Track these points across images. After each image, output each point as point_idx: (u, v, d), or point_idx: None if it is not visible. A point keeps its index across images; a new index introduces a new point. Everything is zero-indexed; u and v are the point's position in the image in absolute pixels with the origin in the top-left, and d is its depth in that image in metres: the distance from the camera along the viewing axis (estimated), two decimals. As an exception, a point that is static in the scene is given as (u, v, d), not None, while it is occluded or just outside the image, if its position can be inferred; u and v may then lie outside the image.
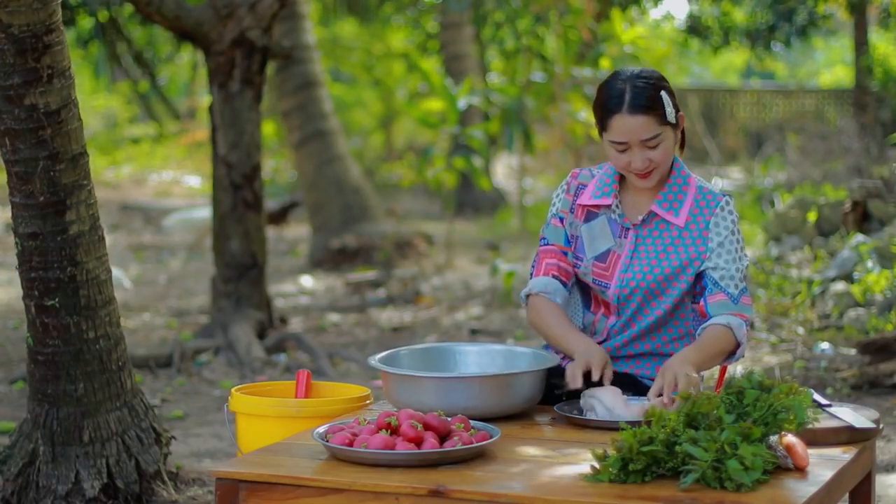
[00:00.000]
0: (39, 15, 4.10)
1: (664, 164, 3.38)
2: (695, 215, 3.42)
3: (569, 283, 3.53)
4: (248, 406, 3.50)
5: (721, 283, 3.36)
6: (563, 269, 3.51)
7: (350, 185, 12.08)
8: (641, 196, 3.47)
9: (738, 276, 3.37)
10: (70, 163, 4.26)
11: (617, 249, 3.46)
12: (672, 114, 3.35)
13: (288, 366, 7.25)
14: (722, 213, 3.41)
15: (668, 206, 3.43)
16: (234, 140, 7.49)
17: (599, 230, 3.48)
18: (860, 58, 17.04)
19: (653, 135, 3.33)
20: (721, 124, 21.37)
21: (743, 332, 3.33)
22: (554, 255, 3.52)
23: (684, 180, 3.45)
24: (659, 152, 3.36)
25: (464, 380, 3.15)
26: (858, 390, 6.46)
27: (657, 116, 3.33)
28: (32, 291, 4.34)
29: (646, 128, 3.33)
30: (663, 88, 3.37)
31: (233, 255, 7.59)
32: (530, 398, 3.23)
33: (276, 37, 9.34)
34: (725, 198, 3.44)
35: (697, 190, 3.45)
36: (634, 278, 3.42)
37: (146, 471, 4.45)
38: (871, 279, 7.91)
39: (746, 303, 3.38)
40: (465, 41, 16.39)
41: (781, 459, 2.73)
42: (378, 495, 2.68)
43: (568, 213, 3.52)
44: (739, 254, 3.40)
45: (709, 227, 3.40)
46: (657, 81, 3.37)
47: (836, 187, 11.20)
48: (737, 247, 3.40)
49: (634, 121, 3.32)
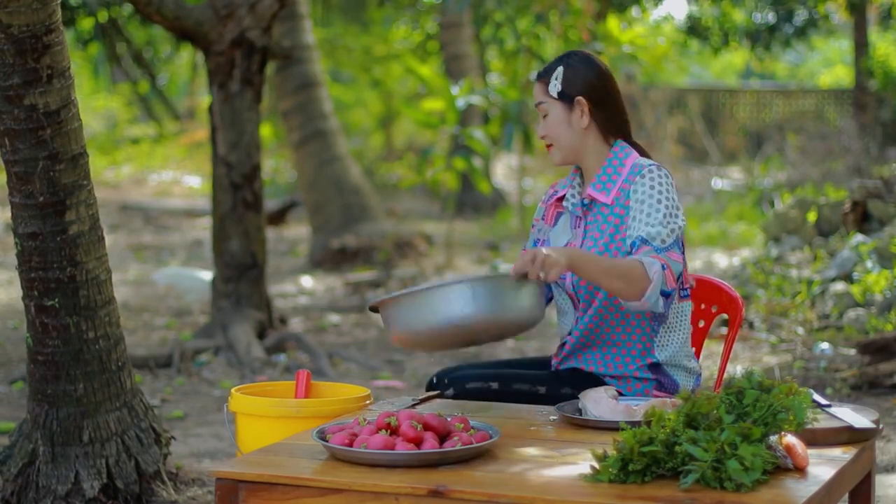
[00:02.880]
0: (39, 15, 4.10)
1: (556, 139, 3.48)
2: (624, 190, 3.43)
3: None
4: (248, 406, 3.50)
5: (648, 239, 3.32)
6: None
7: (350, 185, 12.08)
8: (588, 184, 3.52)
9: (665, 232, 3.32)
10: (70, 163, 4.26)
11: (573, 240, 3.50)
12: (555, 88, 3.46)
13: (288, 366, 7.25)
14: (642, 180, 3.39)
15: (602, 187, 3.46)
16: (234, 140, 7.50)
17: (562, 227, 3.55)
18: (860, 58, 17.05)
19: (539, 101, 3.51)
20: (721, 124, 21.37)
21: (656, 269, 3.23)
22: None
23: (620, 161, 3.48)
24: (547, 123, 3.50)
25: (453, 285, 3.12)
26: (858, 390, 6.46)
27: (544, 85, 3.49)
28: (32, 291, 4.34)
29: (538, 93, 3.52)
30: (567, 66, 3.47)
31: (233, 255, 7.59)
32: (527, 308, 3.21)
33: (276, 37, 9.34)
34: (650, 166, 3.42)
35: (631, 168, 3.45)
36: None
37: (146, 471, 4.45)
38: (870, 279, 7.91)
39: (675, 258, 3.31)
40: (465, 41, 16.39)
41: (781, 459, 2.73)
42: (378, 495, 2.68)
43: (539, 220, 3.64)
44: (665, 213, 3.34)
45: (629, 197, 3.41)
46: (568, 60, 3.50)
47: (836, 187, 11.20)
48: (660, 207, 3.35)
49: (535, 87, 3.55)
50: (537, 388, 3.45)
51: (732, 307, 3.76)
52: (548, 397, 3.42)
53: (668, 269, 3.28)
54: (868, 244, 8.45)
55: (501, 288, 3.15)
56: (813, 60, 31.29)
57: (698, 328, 3.81)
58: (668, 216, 3.35)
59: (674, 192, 3.41)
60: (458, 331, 3.12)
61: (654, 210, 3.35)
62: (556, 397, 3.41)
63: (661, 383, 3.45)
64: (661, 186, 3.38)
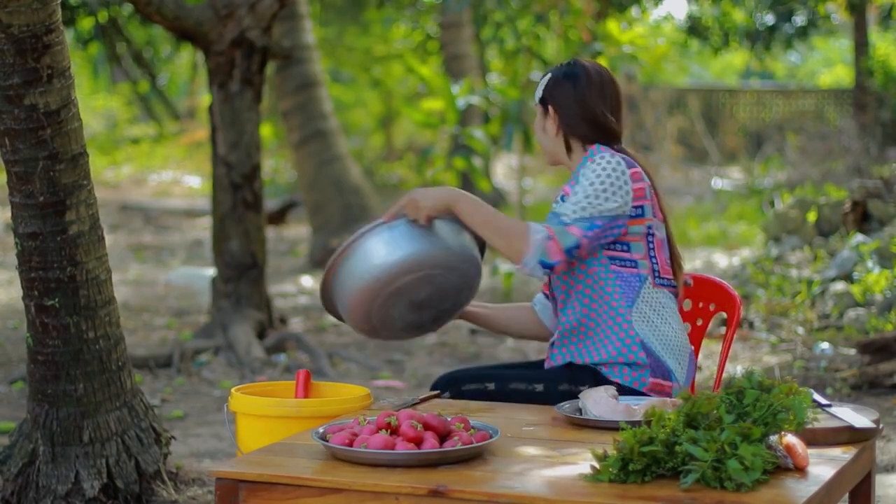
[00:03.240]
0: (39, 15, 4.10)
1: (541, 142, 3.58)
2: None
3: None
4: (248, 406, 3.50)
5: (558, 213, 3.34)
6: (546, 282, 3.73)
7: (350, 185, 12.08)
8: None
9: (576, 209, 3.33)
10: (70, 163, 4.26)
11: None
12: (538, 93, 3.59)
13: (288, 366, 7.25)
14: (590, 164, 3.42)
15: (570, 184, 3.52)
16: (233, 140, 7.50)
17: None
18: (860, 58, 17.05)
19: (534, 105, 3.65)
20: (721, 124, 21.37)
21: (539, 238, 3.27)
22: None
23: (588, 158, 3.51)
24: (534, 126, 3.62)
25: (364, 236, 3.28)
26: (858, 390, 6.46)
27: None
28: (32, 291, 4.34)
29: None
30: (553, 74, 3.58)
31: (233, 255, 7.59)
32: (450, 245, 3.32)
33: (276, 37, 9.34)
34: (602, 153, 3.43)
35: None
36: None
37: (146, 471, 4.45)
38: (870, 279, 7.91)
39: (573, 232, 3.31)
40: (465, 41, 16.38)
41: (781, 459, 2.73)
42: (378, 495, 2.68)
43: None
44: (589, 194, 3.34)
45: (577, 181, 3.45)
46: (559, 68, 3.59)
47: (836, 187, 11.20)
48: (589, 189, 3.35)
49: None
50: (534, 386, 3.46)
51: (730, 305, 3.76)
52: (545, 394, 3.43)
53: (554, 241, 3.28)
54: (868, 244, 8.45)
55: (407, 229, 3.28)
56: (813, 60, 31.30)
57: (696, 326, 3.81)
58: (591, 196, 3.35)
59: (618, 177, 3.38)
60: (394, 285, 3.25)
61: (582, 191, 3.37)
62: (554, 393, 3.41)
63: (654, 370, 3.43)
64: (602, 170, 3.38)
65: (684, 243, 12.52)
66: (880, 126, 16.47)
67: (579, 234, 3.31)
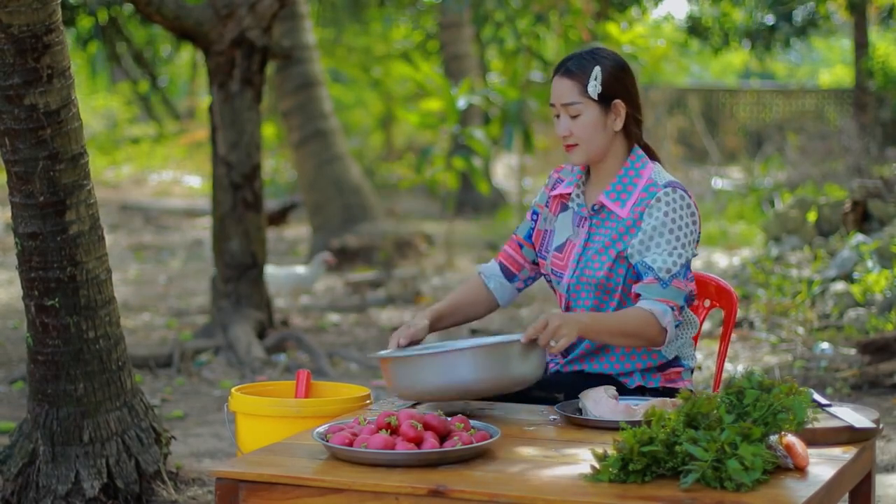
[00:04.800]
0: (39, 15, 4.10)
1: (586, 141, 3.39)
2: (636, 207, 3.39)
3: (517, 273, 3.60)
4: (248, 406, 3.50)
5: (654, 267, 3.31)
6: (513, 258, 3.60)
7: (350, 185, 12.08)
8: (598, 186, 3.47)
9: (670, 261, 3.30)
10: (70, 163, 4.26)
11: (573, 238, 3.47)
12: (595, 89, 3.36)
13: (288, 366, 7.25)
14: (658, 203, 3.35)
15: (616, 197, 3.41)
16: (234, 140, 7.50)
17: (563, 221, 3.51)
18: (860, 58, 17.04)
19: (571, 101, 3.38)
20: (721, 124, 21.36)
21: (668, 318, 3.28)
22: (512, 245, 3.62)
23: (637, 172, 3.43)
24: (578, 124, 3.38)
25: (462, 351, 3.13)
26: (858, 390, 6.46)
27: (580, 85, 3.37)
28: (32, 291, 4.34)
29: (567, 92, 3.38)
30: (604, 67, 3.38)
31: (233, 255, 7.59)
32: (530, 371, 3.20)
33: (276, 37, 9.34)
34: (665, 189, 3.36)
35: (647, 182, 3.41)
36: (586, 268, 3.41)
37: (146, 471, 4.45)
38: (871, 279, 7.91)
39: (679, 287, 3.31)
40: (465, 41, 16.39)
41: (781, 459, 2.73)
42: (378, 495, 2.68)
43: (544, 208, 3.57)
44: (676, 244, 3.32)
45: (642, 218, 3.37)
46: (602, 58, 3.39)
47: (836, 187, 11.20)
48: (671, 238, 3.32)
49: (561, 83, 3.40)
50: (555, 395, 3.42)
51: (726, 300, 3.77)
52: (541, 400, 3.41)
53: (676, 308, 3.31)
54: (868, 244, 8.45)
55: (507, 354, 3.17)
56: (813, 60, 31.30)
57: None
58: (678, 245, 3.33)
59: (689, 217, 3.36)
60: (462, 392, 3.15)
61: (665, 240, 3.33)
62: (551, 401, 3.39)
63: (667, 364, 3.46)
64: (675, 213, 3.34)
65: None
66: (880, 126, 16.47)
67: (683, 284, 3.33)
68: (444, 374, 3.11)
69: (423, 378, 3.12)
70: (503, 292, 3.62)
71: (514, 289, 3.63)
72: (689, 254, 3.35)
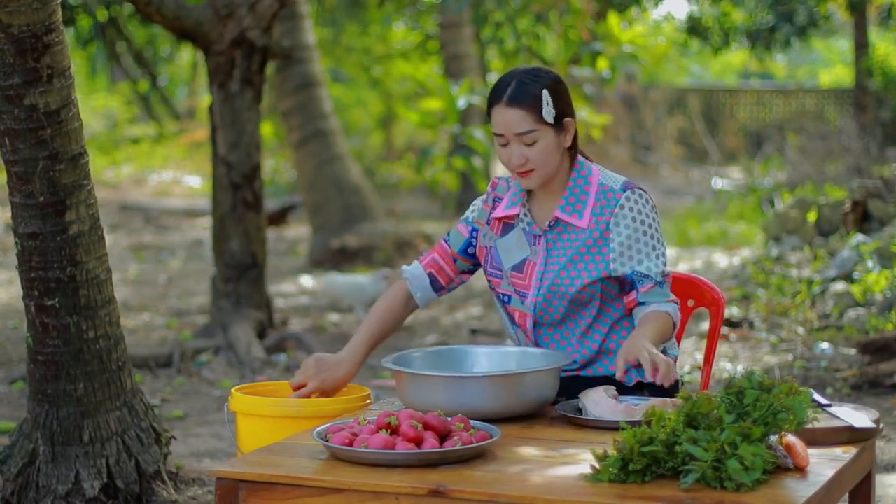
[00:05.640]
0: (39, 15, 4.10)
1: (543, 165, 3.35)
2: (596, 215, 3.40)
3: (446, 285, 3.59)
4: (248, 406, 3.49)
5: (649, 274, 3.37)
6: (444, 271, 3.58)
7: (350, 185, 12.08)
8: (548, 202, 3.45)
9: (658, 263, 3.39)
10: (70, 163, 4.26)
11: (532, 258, 3.44)
12: (550, 113, 3.32)
13: (288, 366, 7.26)
14: (622, 211, 3.37)
15: (571, 210, 3.40)
16: (234, 140, 7.50)
17: (515, 241, 3.47)
18: (860, 58, 17.05)
19: (526, 130, 3.32)
20: (721, 124, 21.37)
21: (677, 314, 3.42)
22: (442, 256, 3.58)
23: (585, 180, 3.42)
24: (535, 151, 3.34)
25: (478, 378, 3.14)
26: (858, 390, 6.47)
27: (534, 112, 3.32)
28: (32, 291, 4.34)
29: (520, 122, 3.32)
30: (549, 88, 3.34)
31: (233, 255, 7.59)
32: (545, 397, 3.22)
33: (276, 37, 9.34)
34: (626, 193, 3.38)
35: (599, 189, 3.41)
36: (553, 285, 3.40)
37: (146, 471, 4.45)
38: (871, 279, 7.91)
39: (670, 282, 3.45)
40: (465, 41, 16.37)
41: (781, 459, 2.73)
42: (378, 495, 2.68)
43: (484, 225, 3.53)
44: (655, 244, 3.40)
45: (609, 228, 3.38)
46: (545, 80, 3.36)
47: (836, 187, 11.21)
48: (649, 239, 3.39)
49: (510, 113, 3.33)
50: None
51: (711, 301, 3.78)
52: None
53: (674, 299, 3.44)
54: (868, 244, 8.45)
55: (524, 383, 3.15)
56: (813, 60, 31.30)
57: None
58: (656, 244, 3.41)
59: (653, 213, 3.42)
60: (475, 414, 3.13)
61: (643, 244, 3.38)
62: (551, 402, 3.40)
63: None
64: (642, 215, 3.39)
65: (684, 243, 12.52)
66: (880, 126, 16.48)
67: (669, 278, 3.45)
68: (459, 397, 3.11)
69: (436, 398, 3.11)
70: (426, 299, 3.62)
71: (437, 296, 3.64)
72: (663, 247, 3.44)
